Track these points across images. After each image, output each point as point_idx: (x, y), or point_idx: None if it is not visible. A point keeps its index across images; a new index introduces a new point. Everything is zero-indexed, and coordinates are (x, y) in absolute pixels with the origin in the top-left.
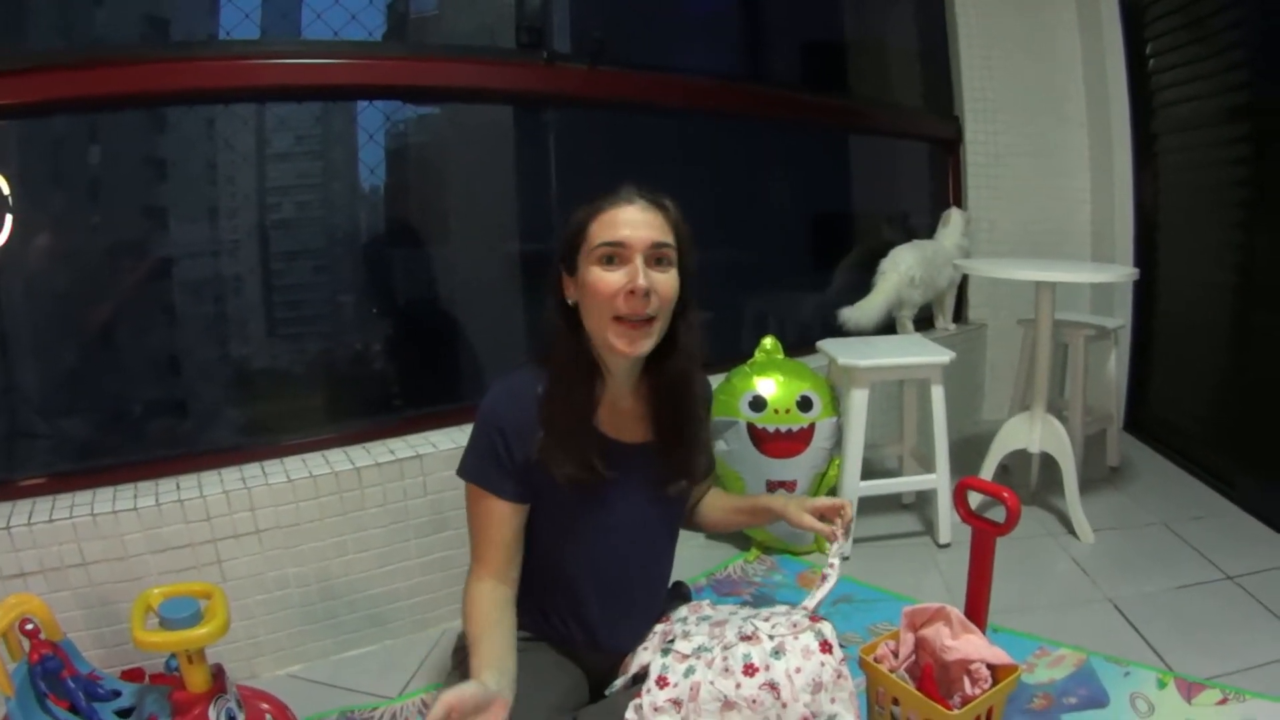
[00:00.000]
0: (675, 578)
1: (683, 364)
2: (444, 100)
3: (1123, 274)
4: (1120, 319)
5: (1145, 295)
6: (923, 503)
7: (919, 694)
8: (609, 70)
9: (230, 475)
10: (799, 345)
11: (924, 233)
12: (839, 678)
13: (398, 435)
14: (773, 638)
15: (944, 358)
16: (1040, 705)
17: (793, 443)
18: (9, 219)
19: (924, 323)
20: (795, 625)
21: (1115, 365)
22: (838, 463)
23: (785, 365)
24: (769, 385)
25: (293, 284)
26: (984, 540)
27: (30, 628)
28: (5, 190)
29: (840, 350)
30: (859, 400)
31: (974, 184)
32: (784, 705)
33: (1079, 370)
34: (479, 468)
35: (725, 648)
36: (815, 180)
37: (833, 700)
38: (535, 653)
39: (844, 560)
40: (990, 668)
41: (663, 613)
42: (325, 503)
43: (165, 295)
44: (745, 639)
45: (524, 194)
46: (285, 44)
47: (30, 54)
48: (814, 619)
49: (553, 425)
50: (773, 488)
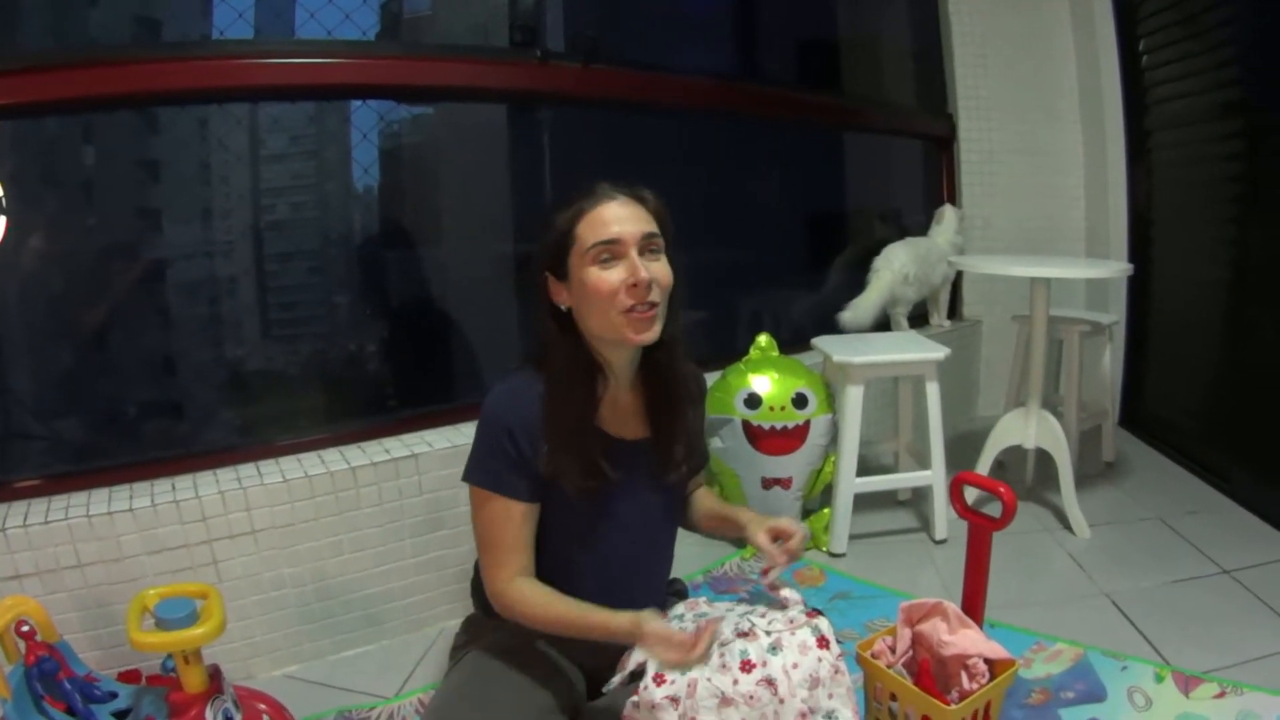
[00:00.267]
0: (672, 575)
1: (673, 349)
2: (438, 99)
3: (1117, 270)
4: (1115, 315)
5: (1139, 291)
6: (919, 499)
7: (917, 689)
8: (602, 69)
9: (226, 476)
10: (794, 342)
11: (918, 230)
12: (836, 673)
13: (393, 435)
14: (769, 634)
15: (939, 354)
16: (1038, 700)
17: (788, 440)
18: (3, 220)
19: (919, 319)
20: (792, 621)
21: (1110, 361)
22: (833, 459)
23: (780, 362)
24: (764, 382)
25: (287, 284)
26: (980, 535)
27: (26, 630)
28: None
29: (835, 347)
30: (854, 397)
31: (968, 181)
32: (781, 701)
33: (1074, 366)
34: (490, 472)
35: (722, 644)
36: (810, 178)
37: (830, 696)
38: (532, 651)
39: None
40: (988, 662)
41: (660, 610)
42: (321, 502)
43: (160, 296)
44: (742, 635)
45: (518, 193)
46: (279, 44)
47: (23, 54)
48: (810, 614)
49: (556, 431)
50: (768, 485)
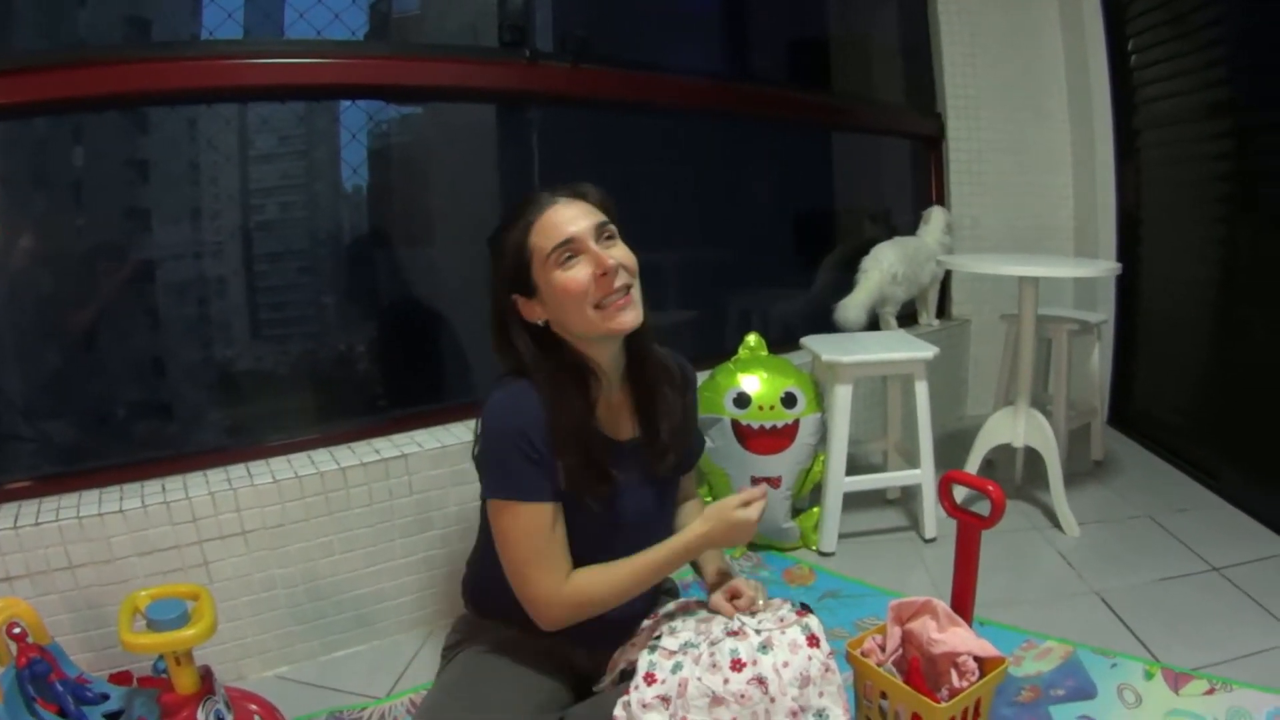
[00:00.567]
0: None
1: (644, 332)
2: (427, 99)
3: (1105, 269)
4: (1103, 314)
5: (1128, 290)
6: (908, 498)
7: (907, 687)
8: (592, 69)
9: (216, 476)
10: (783, 342)
11: (907, 229)
12: (827, 671)
13: (383, 435)
14: (759, 632)
15: (927, 353)
16: (1028, 697)
17: (777, 439)
18: None
19: (907, 319)
20: (782, 620)
21: (1099, 360)
22: (822, 459)
23: (769, 362)
24: (753, 382)
25: (277, 284)
26: (969, 534)
27: (18, 631)
28: None
29: (824, 346)
30: (843, 396)
31: (956, 180)
32: (772, 700)
33: (1062, 365)
34: (513, 483)
35: (712, 643)
36: (798, 177)
37: (821, 694)
38: (522, 651)
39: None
40: (977, 660)
41: (651, 609)
42: (311, 503)
43: (149, 296)
44: (732, 634)
45: (507, 193)
46: (268, 44)
47: (11, 54)
48: (800, 613)
49: (564, 441)
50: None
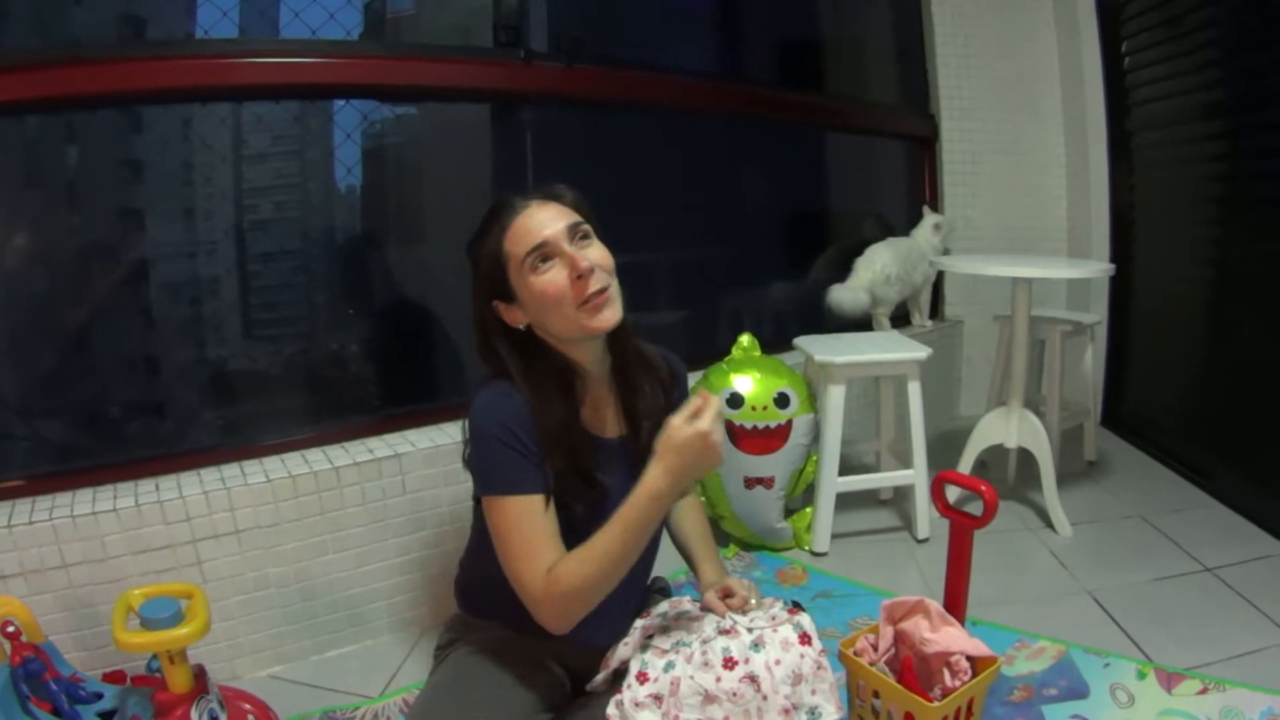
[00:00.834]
0: (655, 573)
1: (628, 331)
2: (421, 99)
3: (1098, 270)
4: (1096, 315)
5: (1121, 291)
6: (900, 498)
7: (899, 687)
8: (586, 69)
9: (209, 476)
10: (776, 342)
11: (900, 230)
12: (819, 669)
13: (376, 434)
14: (751, 630)
15: (920, 354)
16: (1020, 697)
17: (770, 439)
18: None
19: (901, 319)
20: (774, 618)
21: (1092, 360)
22: (815, 459)
23: (762, 362)
24: (746, 382)
25: (271, 284)
26: (962, 534)
27: (11, 630)
28: None
29: (817, 347)
30: (836, 396)
31: (950, 181)
32: (764, 698)
33: (1056, 366)
34: (504, 477)
35: (704, 642)
36: (792, 178)
37: (813, 692)
38: (514, 651)
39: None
40: (970, 660)
41: (643, 608)
42: (304, 503)
43: (143, 296)
44: (724, 633)
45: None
46: (263, 43)
47: (5, 52)
48: (792, 611)
49: (549, 442)
50: (750, 484)
